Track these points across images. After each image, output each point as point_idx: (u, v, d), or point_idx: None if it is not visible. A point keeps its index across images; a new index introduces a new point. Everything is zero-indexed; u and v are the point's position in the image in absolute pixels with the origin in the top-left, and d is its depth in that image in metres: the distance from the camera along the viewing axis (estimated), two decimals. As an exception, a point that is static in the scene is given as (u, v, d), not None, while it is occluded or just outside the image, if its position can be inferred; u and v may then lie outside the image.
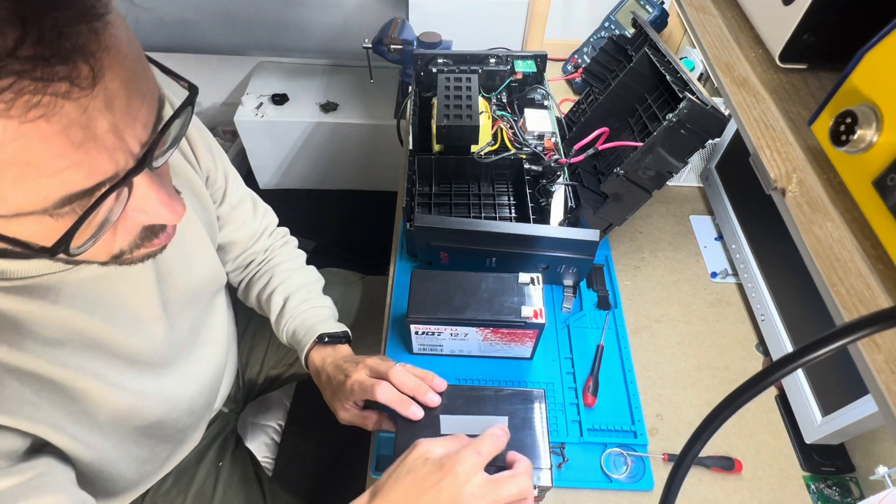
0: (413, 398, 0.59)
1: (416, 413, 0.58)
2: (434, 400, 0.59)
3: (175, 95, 0.44)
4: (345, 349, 0.72)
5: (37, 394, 0.45)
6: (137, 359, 0.55)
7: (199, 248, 0.64)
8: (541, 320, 0.65)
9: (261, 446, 0.92)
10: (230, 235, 0.74)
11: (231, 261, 0.77)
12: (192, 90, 0.40)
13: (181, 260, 0.60)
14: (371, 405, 0.65)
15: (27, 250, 0.35)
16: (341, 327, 0.74)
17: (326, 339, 0.72)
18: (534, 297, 0.67)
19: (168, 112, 0.38)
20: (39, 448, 0.47)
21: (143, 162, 0.35)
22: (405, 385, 0.59)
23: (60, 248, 0.34)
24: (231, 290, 0.84)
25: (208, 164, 0.65)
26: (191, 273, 0.62)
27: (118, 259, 0.42)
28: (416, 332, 0.69)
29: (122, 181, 0.34)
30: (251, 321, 0.93)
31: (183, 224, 0.60)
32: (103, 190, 0.34)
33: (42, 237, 0.34)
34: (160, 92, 0.37)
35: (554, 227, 0.75)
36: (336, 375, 0.67)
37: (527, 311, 0.65)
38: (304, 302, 0.76)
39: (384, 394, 0.59)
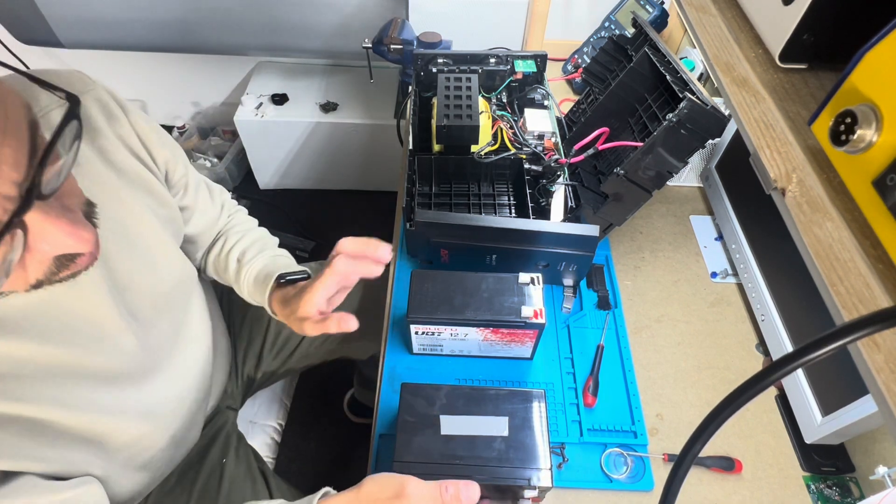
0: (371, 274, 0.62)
1: (376, 271, 0.62)
2: (385, 255, 0.62)
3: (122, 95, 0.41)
4: (304, 285, 0.70)
5: None
6: (109, 375, 0.54)
7: (163, 249, 0.62)
8: (541, 320, 0.65)
9: (261, 446, 0.92)
10: (197, 225, 0.72)
11: (201, 249, 0.76)
12: (72, 100, 0.37)
13: (143, 265, 0.58)
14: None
15: None
16: (300, 268, 0.73)
17: (285, 280, 0.71)
18: (534, 297, 0.67)
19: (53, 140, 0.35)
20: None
21: (29, 199, 0.32)
22: (355, 249, 0.62)
23: None
24: (217, 285, 0.83)
25: (166, 158, 0.63)
26: (157, 276, 0.61)
27: (39, 287, 0.40)
28: (416, 332, 0.69)
29: (7, 227, 0.32)
30: (247, 315, 0.93)
31: (141, 228, 0.58)
32: None
33: None
34: (29, 117, 0.34)
35: (554, 223, 0.75)
36: (299, 293, 0.66)
37: (527, 311, 0.65)
38: (261, 252, 0.75)
39: (342, 262, 0.61)
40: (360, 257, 0.63)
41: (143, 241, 0.59)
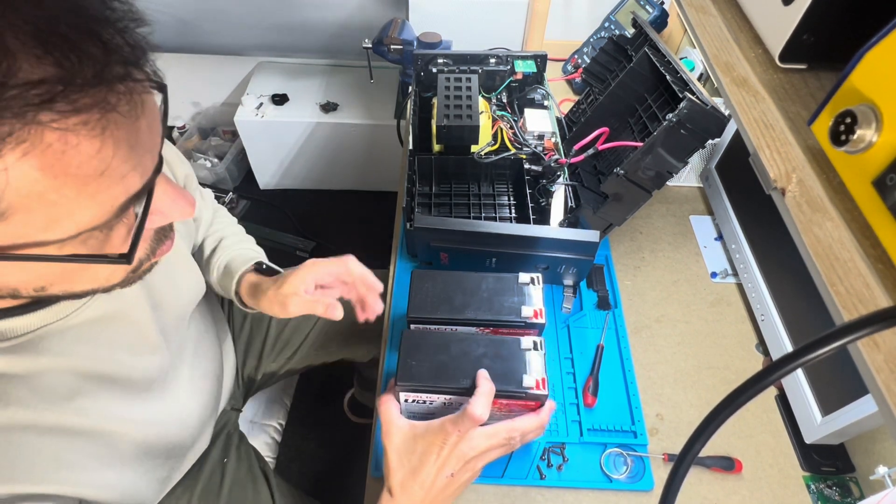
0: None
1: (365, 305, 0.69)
2: (376, 307, 0.69)
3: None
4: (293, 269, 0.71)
5: (69, 451, 0.46)
6: (145, 387, 0.56)
7: (185, 264, 0.65)
8: (541, 320, 0.65)
9: (262, 446, 0.92)
10: (198, 235, 0.74)
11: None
12: (162, 89, 0.40)
13: (171, 285, 0.60)
14: None
15: (105, 260, 0.36)
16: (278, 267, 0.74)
17: (265, 268, 0.72)
18: (534, 296, 0.67)
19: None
20: None
21: (161, 159, 0.36)
22: (361, 272, 0.69)
23: (133, 251, 0.36)
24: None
25: (185, 171, 0.66)
26: (179, 293, 0.62)
27: (136, 272, 0.42)
28: (416, 332, 0.69)
29: (151, 178, 0.35)
30: (247, 316, 0.93)
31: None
32: (147, 190, 0.35)
33: (98, 250, 0.35)
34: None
35: (554, 228, 0.75)
36: (286, 275, 0.67)
37: (527, 311, 0.65)
38: (241, 242, 0.77)
39: (352, 259, 0.69)
40: (361, 283, 0.69)
41: (172, 260, 0.60)
